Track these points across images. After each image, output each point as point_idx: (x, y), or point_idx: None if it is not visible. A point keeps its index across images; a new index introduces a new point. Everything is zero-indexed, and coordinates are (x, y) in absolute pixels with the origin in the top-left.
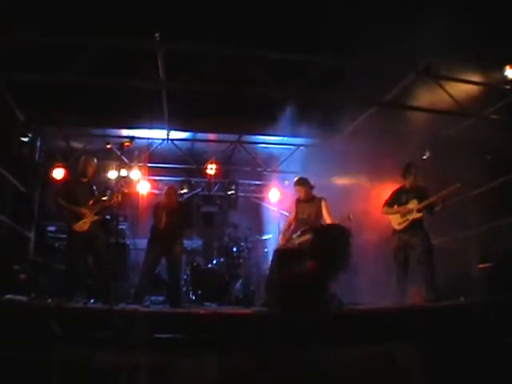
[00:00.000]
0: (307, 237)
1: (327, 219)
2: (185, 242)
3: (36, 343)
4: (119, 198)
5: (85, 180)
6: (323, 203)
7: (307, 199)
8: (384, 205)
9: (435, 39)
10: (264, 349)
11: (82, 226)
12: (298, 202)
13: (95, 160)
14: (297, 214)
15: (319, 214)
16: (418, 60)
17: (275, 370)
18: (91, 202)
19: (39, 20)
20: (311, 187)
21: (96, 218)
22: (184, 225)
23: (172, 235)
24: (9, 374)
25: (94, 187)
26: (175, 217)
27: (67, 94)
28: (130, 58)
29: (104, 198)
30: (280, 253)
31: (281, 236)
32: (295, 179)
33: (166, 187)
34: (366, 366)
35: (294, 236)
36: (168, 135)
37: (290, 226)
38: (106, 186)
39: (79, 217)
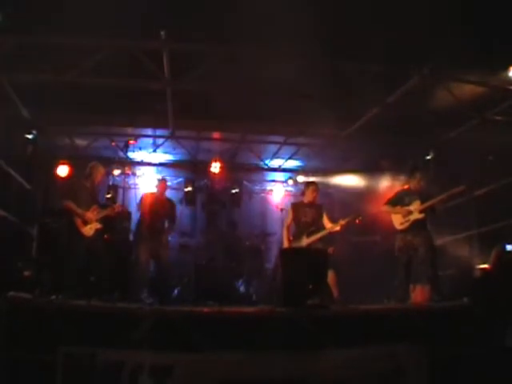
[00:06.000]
0: (315, 238)
1: (327, 224)
2: (187, 240)
3: (40, 340)
4: (120, 209)
5: (88, 185)
6: (324, 209)
7: (310, 204)
8: (385, 202)
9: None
10: None
11: (89, 231)
12: (299, 205)
13: (102, 168)
14: (298, 216)
15: (320, 219)
16: (422, 62)
17: None
18: (94, 208)
19: (45, 20)
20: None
21: (99, 226)
22: (167, 218)
23: (156, 227)
24: (13, 371)
25: (97, 194)
26: (160, 209)
27: (72, 92)
28: (136, 56)
29: (107, 208)
30: (287, 253)
31: (285, 240)
32: (311, 183)
33: (168, 184)
34: (369, 366)
35: (303, 238)
36: (172, 133)
37: (289, 228)
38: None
39: (85, 221)
